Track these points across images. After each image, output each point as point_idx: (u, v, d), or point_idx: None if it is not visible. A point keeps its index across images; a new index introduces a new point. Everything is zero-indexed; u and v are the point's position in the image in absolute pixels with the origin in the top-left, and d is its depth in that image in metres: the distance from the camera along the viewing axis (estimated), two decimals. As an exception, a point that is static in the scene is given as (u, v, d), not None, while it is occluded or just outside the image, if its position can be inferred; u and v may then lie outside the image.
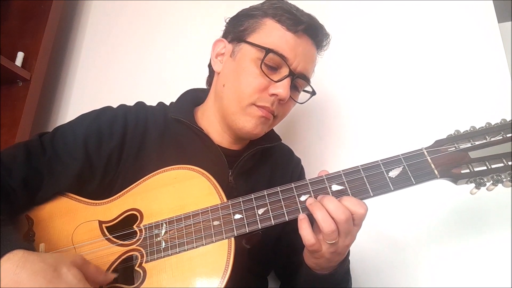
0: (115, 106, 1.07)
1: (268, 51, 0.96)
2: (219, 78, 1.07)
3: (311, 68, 1.06)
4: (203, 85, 1.21)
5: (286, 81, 0.98)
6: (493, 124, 0.82)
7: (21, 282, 0.64)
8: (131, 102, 1.11)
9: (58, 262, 0.69)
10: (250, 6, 1.08)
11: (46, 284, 0.65)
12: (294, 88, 1.04)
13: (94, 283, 0.76)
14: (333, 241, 0.79)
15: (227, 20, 1.12)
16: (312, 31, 1.02)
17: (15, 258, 0.66)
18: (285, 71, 0.98)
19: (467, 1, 1.42)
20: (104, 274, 0.79)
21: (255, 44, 0.99)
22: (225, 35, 1.10)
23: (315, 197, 0.83)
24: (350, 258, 0.95)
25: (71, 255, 0.74)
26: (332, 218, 0.78)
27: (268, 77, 0.97)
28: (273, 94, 0.98)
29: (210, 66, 1.14)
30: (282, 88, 0.97)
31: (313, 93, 1.10)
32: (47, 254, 0.70)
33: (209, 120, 1.09)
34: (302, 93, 1.10)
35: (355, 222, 0.80)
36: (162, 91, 1.72)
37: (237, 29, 1.05)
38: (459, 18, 1.42)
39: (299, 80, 1.03)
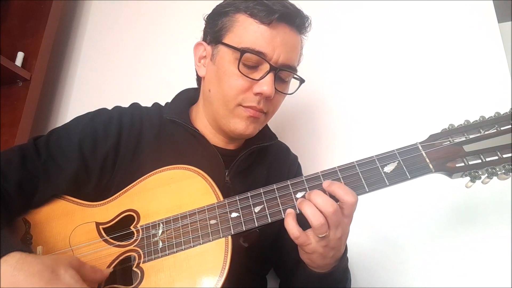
0: (115, 106, 1.08)
1: (243, 52, 0.94)
2: (205, 82, 1.05)
3: (295, 56, 1.02)
4: (200, 85, 1.20)
5: (269, 77, 0.95)
6: (487, 117, 0.82)
7: (19, 284, 0.65)
8: (130, 102, 1.12)
9: (55, 264, 0.69)
10: (224, 1, 1.05)
11: (43, 285, 0.65)
12: (280, 80, 1.00)
13: (93, 282, 0.77)
14: (323, 235, 0.78)
15: (205, 18, 1.08)
16: (288, 18, 0.97)
17: (13, 261, 0.66)
18: (266, 67, 0.95)
19: (467, 1, 1.40)
20: (100, 272, 0.79)
21: (230, 46, 0.96)
22: (205, 37, 1.07)
23: None
24: (349, 258, 0.95)
25: (68, 257, 0.74)
26: (321, 211, 0.78)
27: (248, 77, 0.95)
28: (257, 93, 0.95)
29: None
30: (265, 86, 0.94)
31: (301, 80, 1.06)
32: (44, 256, 0.70)
33: (202, 121, 1.08)
34: (292, 80, 1.06)
35: (344, 212, 0.80)
36: (162, 91, 1.70)
37: (213, 30, 1.02)
38: (459, 18, 1.40)
39: (283, 71, 0.99)
